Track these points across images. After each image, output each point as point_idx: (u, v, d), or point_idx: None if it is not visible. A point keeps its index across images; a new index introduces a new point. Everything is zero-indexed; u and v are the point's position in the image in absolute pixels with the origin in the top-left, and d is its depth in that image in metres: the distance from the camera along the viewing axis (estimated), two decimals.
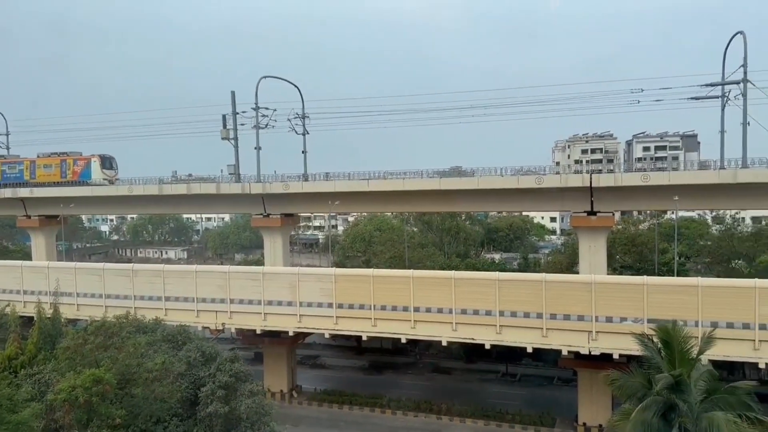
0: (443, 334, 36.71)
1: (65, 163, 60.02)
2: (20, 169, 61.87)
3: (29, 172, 61.47)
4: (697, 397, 20.00)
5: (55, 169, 60.33)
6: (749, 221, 76.29)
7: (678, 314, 29.15)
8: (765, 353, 30.99)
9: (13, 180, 62.07)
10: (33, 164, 61.61)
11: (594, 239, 43.84)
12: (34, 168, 61.40)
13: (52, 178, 60.40)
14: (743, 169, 39.45)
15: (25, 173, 61.80)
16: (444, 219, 75.47)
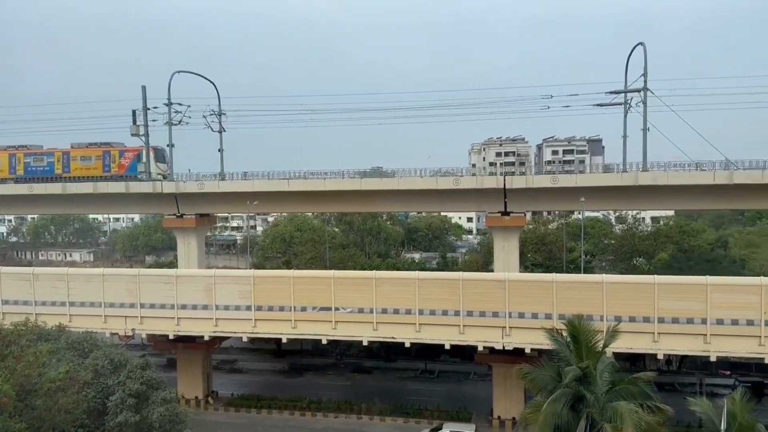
0: (364, 333, 36.85)
1: (109, 155, 52.61)
2: (50, 162, 53.76)
3: (61, 165, 53.54)
4: (603, 388, 21.14)
5: (96, 162, 52.69)
6: (649, 221, 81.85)
7: (585, 309, 30.67)
8: (663, 345, 33.28)
9: (41, 174, 53.80)
10: (66, 156, 53.61)
11: (507, 238, 45.46)
12: (68, 160, 53.43)
13: (91, 172, 52.62)
14: (643, 172, 42.21)
15: (56, 166, 53.71)
16: (365, 219, 75.83)
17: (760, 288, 32.06)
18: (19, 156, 54.59)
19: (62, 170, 53.53)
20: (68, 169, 53.51)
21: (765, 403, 41.90)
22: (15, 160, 54.44)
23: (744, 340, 32.21)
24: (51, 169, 53.80)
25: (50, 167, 53.86)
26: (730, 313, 32.21)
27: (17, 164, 54.37)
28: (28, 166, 54.30)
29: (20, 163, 54.34)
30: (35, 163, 54.22)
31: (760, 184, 39.31)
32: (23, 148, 55.45)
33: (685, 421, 34.69)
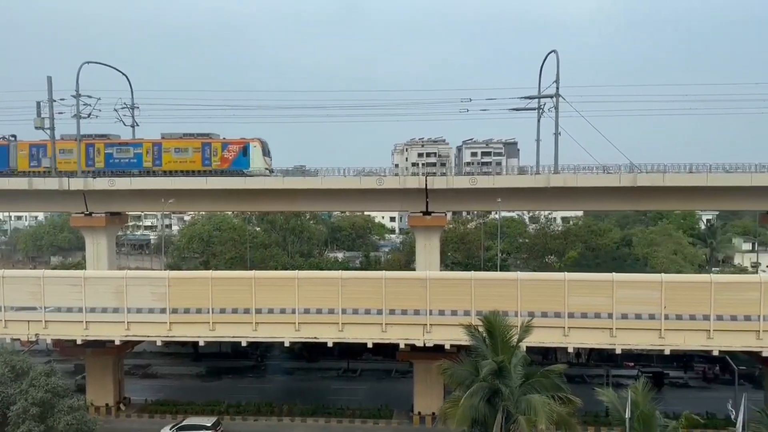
0: (286, 334, 36.41)
1: (209, 147, 48.02)
2: (136, 153, 48.61)
3: (151, 158, 48.49)
4: (517, 381, 22.04)
5: (194, 155, 47.94)
6: (560, 221, 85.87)
7: (501, 306, 31.69)
8: (573, 339, 35.01)
9: (126, 167, 48.60)
10: (158, 147, 48.47)
11: (429, 238, 46.31)
12: (159, 152, 48.39)
13: (188, 165, 47.89)
14: (555, 175, 44.21)
15: (144, 158, 48.58)
16: (288, 218, 74.87)
17: (660, 284, 34.37)
18: (98, 146, 48.91)
19: (152, 163, 48.40)
20: (159, 162, 48.40)
21: (664, 391, 45.13)
22: (94, 150, 48.84)
23: (646, 333, 34.43)
24: (139, 161, 48.60)
25: (138, 159, 48.65)
26: (634, 307, 34.35)
27: (96, 155, 48.80)
28: (110, 158, 48.88)
29: (100, 155, 48.84)
30: (119, 154, 48.81)
31: (661, 186, 42.15)
32: (103, 137, 49.62)
33: (594, 411, 36.68)
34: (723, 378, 47.67)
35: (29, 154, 49.11)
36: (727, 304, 33.75)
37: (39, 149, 49.08)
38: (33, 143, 49.69)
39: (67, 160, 48.86)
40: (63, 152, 49.03)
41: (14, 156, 49.19)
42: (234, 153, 48.20)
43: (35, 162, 48.86)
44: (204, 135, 48.83)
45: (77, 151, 48.00)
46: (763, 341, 33.59)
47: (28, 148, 49.31)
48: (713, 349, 34.75)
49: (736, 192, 42.44)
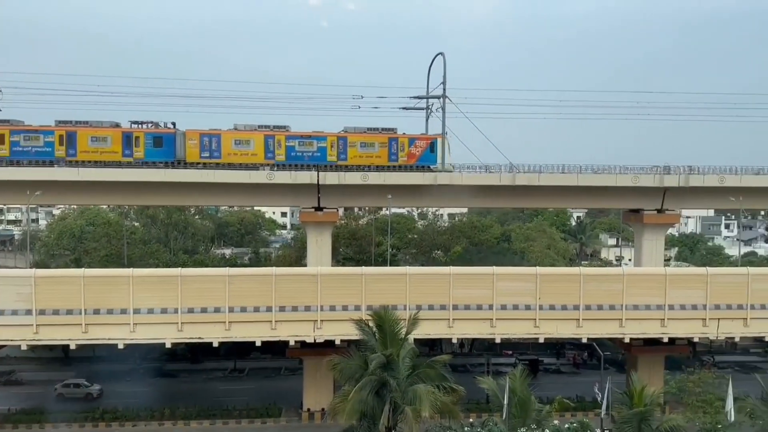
0: (167, 335, 34.72)
1: (395, 143, 46.12)
2: (320, 147, 46.19)
3: (336, 152, 46.40)
4: (405, 373, 22.52)
5: (380, 150, 46.20)
6: (446, 217, 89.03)
7: (391, 300, 32.36)
8: (457, 330, 36.49)
9: (310, 161, 45.85)
10: (342, 141, 46.32)
11: (321, 233, 46.16)
12: (345, 146, 46.16)
13: (374, 160, 46.15)
14: (442, 173, 45.75)
15: (329, 152, 46.25)
16: (170, 213, 71.30)
17: (535, 276, 36.72)
18: (279, 138, 45.75)
19: (337, 157, 46.36)
20: (345, 156, 46.29)
21: (540, 377, 48.22)
22: (273, 142, 45.69)
23: (523, 323, 36.64)
24: (323, 156, 46.21)
25: (322, 153, 46.27)
26: (512, 299, 36.41)
27: (277, 148, 45.68)
28: (291, 150, 46.09)
29: (281, 147, 45.74)
30: (302, 147, 46.08)
31: (537, 185, 45.00)
32: (282, 128, 46.31)
33: (476, 399, 38.40)
34: (591, 363, 51.77)
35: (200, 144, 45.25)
36: (595, 295, 36.75)
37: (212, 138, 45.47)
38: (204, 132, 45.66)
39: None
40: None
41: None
42: (421, 148, 47.22)
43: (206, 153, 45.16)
44: (388, 129, 47.39)
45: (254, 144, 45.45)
46: (626, 329, 36.97)
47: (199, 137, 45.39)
48: (582, 336, 37.73)
49: (602, 191, 46.23)
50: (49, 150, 43.14)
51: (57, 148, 43.10)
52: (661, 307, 36.84)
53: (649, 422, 24.02)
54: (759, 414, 25.79)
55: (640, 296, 36.92)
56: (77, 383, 44.39)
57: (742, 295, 37.24)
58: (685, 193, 45.80)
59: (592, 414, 36.23)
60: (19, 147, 42.89)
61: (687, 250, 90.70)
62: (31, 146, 43.04)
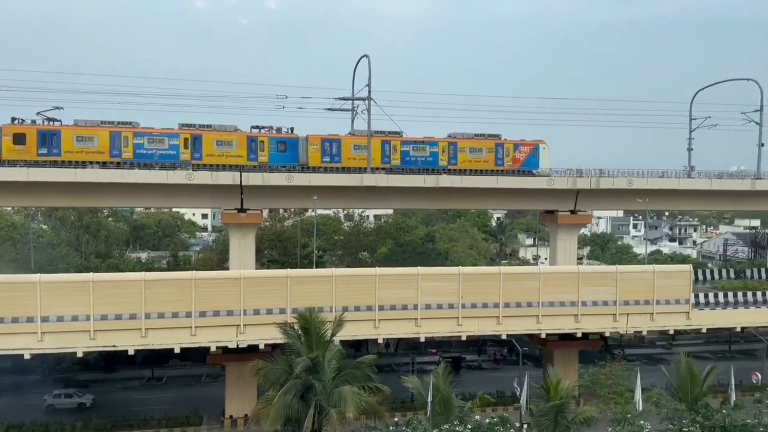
0: (79, 343, 32.88)
1: (501, 148, 48.15)
2: (432, 152, 47.29)
3: (447, 156, 47.44)
4: (330, 375, 22.47)
5: (488, 155, 48.02)
6: (372, 219, 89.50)
7: (317, 302, 32.26)
8: (383, 330, 36.77)
9: (423, 165, 46.89)
10: (453, 147, 47.60)
11: (244, 235, 45.14)
12: (455, 151, 47.45)
13: (481, 165, 47.79)
14: (368, 175, 45.83)
15: (440, 157, 47.19)
16: (81, 215, 67.51)
17: (458, 276, 37.61)
18: (395, 143, 46.98)
19: (448, 162, 47.48)
20: (455, 161, 47.64)
21: (462, 374, 49.40)
22: (390, 147, 46.80)
23: (446, 321, 37.42)
24: (435, 160, 47.49)
25: (434, 158, 47.49)
26: (436, 298, 37.12)
27: (392, 152, 47.06)
28: (407, 155, 47.29)
29: (396, 152, 47.23)
30: (415, 152, 47.37)
31: (459, 187, 46.05)
32: (396, 134, 47.57)
33: (401, 398, 38.80)
34: (510, 359, 53.55)
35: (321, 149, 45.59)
36: (513, 293, 38.10)
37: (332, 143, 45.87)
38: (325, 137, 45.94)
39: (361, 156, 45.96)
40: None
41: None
42: (525, 154, 49.15)
43: (327, 157, 45.65)
44: (494, 136, 49.03)
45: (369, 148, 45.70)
46: (542, 325, 38.54)
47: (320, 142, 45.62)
48: (502, 333, 39.00)
49: (520, 193, 47.96)
50: (174, 153, 43.17)
51: (182, 151, 43.19)
52: (575, 303, 38.70)
53: (565, 414, 25.16)
54: (664, 403, 27.61)
55: (555, 293, 38.61)
56: (68, 393, 42.87)
57: (648, 292, 39.73)
58: (597, 195, 48.31)
59: (511, 408, 37.55)
60: (144, 150, 42.79)
61: (598, 249, 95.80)
62: (155, 149, 43.05)
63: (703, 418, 26.12)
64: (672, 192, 48.76)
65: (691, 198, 50.83)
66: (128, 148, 42.37)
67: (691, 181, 49.13)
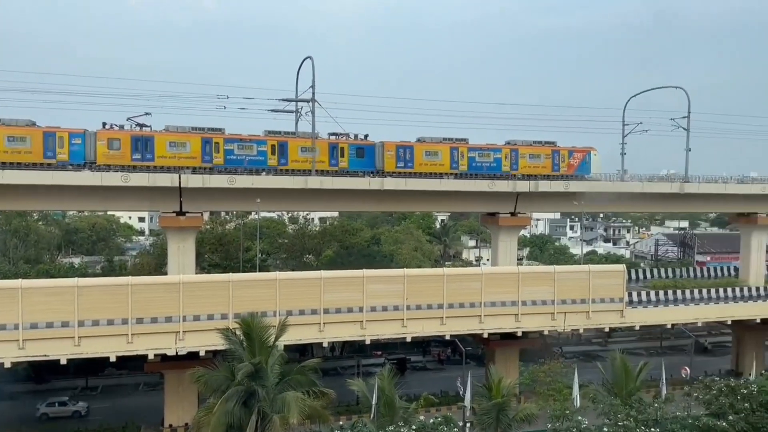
0: (6, 354, 31.13)
1: (557, 154, 50.89)
2: (496, 158, 49.69)
3: (509, 162, 49.84)
4: (274, 381, 22.13)
5: (545, 161, 50.64)
6: (317, 221, 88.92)
7: (260, 307, 31.66)
8: (328, 333, 36.54)
9: (487, 171, 49.16)
10: (515, 153, 49.91)
11: (183, 239, 43.89)
12: (516, 157, 49.89)
13: (540, 170, 50.40)
14: (312, 177, 45.44)
15: (503, 162, 49.64)
16: (9, 219, 64.07)
17: (403, 278, 37.83)
18: (462, 150, 48.84)
19: (510, 167, 49.71)
20: (516, 167, 49.80)
21: (407, 375, 49.76)
22: (458, 153, 48.55)
23: (392, 323, 37.57)
24: (498, 166, 49.57)
25: (497, 164, 49.44)
26: (382, 300, 37.20)
27: (460, 158, 48.56)
28: (473, 161, 49.09)
29: (464, 158, 48.73)
30: (481, 158, 49.29)
31: (404, 190, 46.31)
32: (462, 141, 49.06)
33: (346, 401, 38.71)
34: (454, 359, 54.36)
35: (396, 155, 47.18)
36: (457, 294, 38.66)
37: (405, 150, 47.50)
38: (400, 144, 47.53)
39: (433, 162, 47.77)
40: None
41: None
42: (578, 160, 51.56)
43: (401, 163, 47.28)
44: (550, 143, 51.31)
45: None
46: (485, 324, 39.28)
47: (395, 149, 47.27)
48: (446, 333, 39.48)
49: (463, 196, 48.73)
50: (262, 159, 44.11)
51: (269, 157, 44.15)
52: (515, 303, 39.66)
53: (506, 412, 25.73)
54: (600, 398, 28.64)
55: (496, 294, 39.45)
56: (62, 401, 42.65)
57: (584, 291, 41.16)
58: (535, 198, 49.65)
59: (455, 407, 38.05)
60: (234, 156, 43.60)
61: (537, 250, 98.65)
62: (245, 155, 43.85)
63: (636, 412, 27.24)
64: (606, 195, 50.64)
65: (622, 200, 52.99)
66: (219, 154, 43.09)
67: (624, 184, 51.16)
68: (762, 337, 51.53)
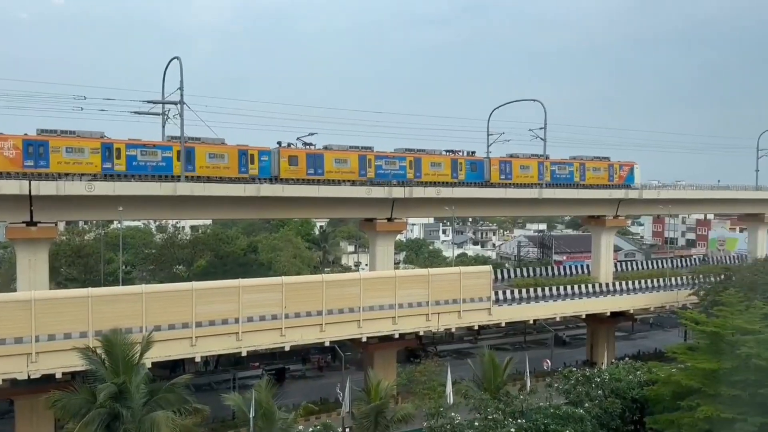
0: None
1: (612, 168, 59.10)
2: (570, 171, 56.98)
3: (579, 174, 57.40)
4: (140, 401, 20.78)
5: (604, 173, 58.49)
6: (189, 230, 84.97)
7: (124, 323, 29.71)
8: (201, 347, 34.95)
9: (564, 181, 56.69)
10: (582, 166, 57.74)
11: (35, 252, 39.89)
12: (583, 171, 57.66)
13: (599, 180, 58.12)
14: (182, 183, 43.32)
15: (575, 174, 57.25)
16: None
17: (281, 286, 37.26)
18: (547, 164, 55.75)
19: (579, 178, 57.17)
20: (584, 178, 57.38)
21: (287, 385, 48.98)
22: (543, 168, 55.47)
23: (270, 333, 36.81)
24: (571, 178, 56.78)
25: (571, 176, 56.83)
26: (259, 310, 36.32)
27: (545, 171, 55.57)
28: (555, 174, 56.07)
29: (547, 171, 55.76)
30: (560, 171, 56.34)
31: (281, 196, 45.59)
32: (541, 156, 55.94)
33: (221, 416, 37.25)
34: (334, 365, 54.37)
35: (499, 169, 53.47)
36: (336, 300, 38.79)
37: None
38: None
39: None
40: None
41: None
42: (626, 172, 59.60)
43: (503, 175, 53.67)
44: (605, 158, 59.17)
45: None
46: (363, 329, 39.76)
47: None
48: (325, 340, 39.46)
49: (342, 202, 49.02)
50: (403, 173, 49.79)
51: (408, 170, 49.92)
52: (393, 306, 40.60)
53: (385, 414, 26.21)
54: (471, 394, 30.09)
55: (375, 298, 40.15)
56: None
57: (456, 292, 43.11)
58: (410, 204, 51.15)
59: (335, 414, 38.08)
60: (382, 170, 49.08)
61: (413, 254, 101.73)
62: (390, 170, 49.51)
63: (504, 405, 28.96)
64: (475, 200, 53.48)
65: (491, 205, 56.33)
66: (371, 169, 48.32)
67: (490, 190, 54.22)
68: (612, 328, 57.05)
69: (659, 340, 61.98)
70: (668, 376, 30.39)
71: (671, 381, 29.63)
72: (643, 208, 67.19)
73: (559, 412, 29.16)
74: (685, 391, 28.09)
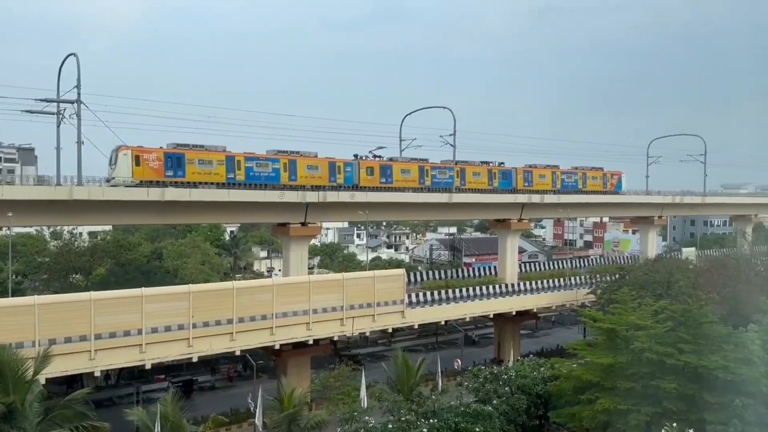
0: None
1: (606, 176, 67.42)
2: (575, 180, 65.18)
3: (582, 182, 65.21)
4: (35, 420, 19.35)
5: (599, 181, 66.38)
6: (87, 236, 79.95)
7: (14, 337, 27.52)
8: (101, 361, 32.96)
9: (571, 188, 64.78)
10: (584, 176, 65.76)
11: None
12: (585, 178, 65.47)
13: (597, 187, 66.20)
14: (79, 187, 40.81)
15: (579, 183, 65.36)
16: None
17: (189, 294, 35.86)
18: (557, 173, 64.19)
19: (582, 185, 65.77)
20: (585, 185, 65.75)
21: (195, 397, 47.19)
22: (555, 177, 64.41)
23: (176, 344, 35.32)
24: (576, 185, 65.02)
25: (576, 183, 65.10)
26: (165, 320, 34.76)
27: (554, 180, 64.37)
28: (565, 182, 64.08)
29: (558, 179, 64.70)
30: (569, 180, 64.91)
31: (188, 201, 43.96)
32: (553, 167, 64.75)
33: None
34: (245, 375, 52.96)
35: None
36: (247, 307, 37.86)
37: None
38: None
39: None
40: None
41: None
42: (616, 180, 67.86)
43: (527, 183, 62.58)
44: (599, 168, 67.49)
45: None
46: (276, 336, 39.08)
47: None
48: (236, 349, 38.39)
49: (253, 207, 47.97)
50: (451, 181, 55.42)
51: (456, 179, 55.65)
52: (307, 312, 40.19)
53: (298, 422, 25.87)
54: (385, 396, 30.34)
55: (288, 304, 39.57)
56: None
57: (370, 295, 43.37)
58: (324, 208, 50.94)
59: (246, 424, 37.12)
60: (437, 179, 55.13)
61: (328, 258, 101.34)
62: (442, 179, 55.36)
63: (417, 406, 29.44)
64: (388, 204, 54.11)
65: (401, 209, 57.28)
66: (428, 177, 54.17)
67: (403, 195, 55.10)
68: (518, 327, 59.54)
69: (561, 337, 65.27)
70: (569, 372, 32.14)
71: (572, 376, 31.33)
72: (544, 211, 70.77)
73: (469, 411, 30.05)
74: (585, 386, 29.80)
